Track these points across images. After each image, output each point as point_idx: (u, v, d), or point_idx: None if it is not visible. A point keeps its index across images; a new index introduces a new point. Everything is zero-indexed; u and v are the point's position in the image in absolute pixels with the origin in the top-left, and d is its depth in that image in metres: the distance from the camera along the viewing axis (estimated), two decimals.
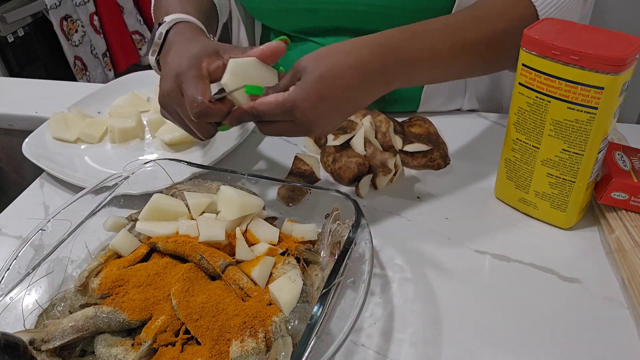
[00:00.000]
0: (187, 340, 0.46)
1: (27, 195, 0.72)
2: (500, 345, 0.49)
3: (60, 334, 0.45)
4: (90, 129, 0.80)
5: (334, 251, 0.52)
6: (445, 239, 0.61)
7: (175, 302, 0.47)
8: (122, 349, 0.45)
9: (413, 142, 0.72)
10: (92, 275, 0.51)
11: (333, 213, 0.55)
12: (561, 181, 0.58)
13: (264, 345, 0.44)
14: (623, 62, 0.49)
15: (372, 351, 0.49)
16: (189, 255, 0.51)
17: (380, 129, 0.73)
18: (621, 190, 0.58)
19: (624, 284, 0.53)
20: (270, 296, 0.47)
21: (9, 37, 1.88)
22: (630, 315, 0.51)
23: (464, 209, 0.65)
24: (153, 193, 0.58)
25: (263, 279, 0.49)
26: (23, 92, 1.00)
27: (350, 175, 0.68)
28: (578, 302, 0.53)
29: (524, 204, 0.63)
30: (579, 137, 0.54)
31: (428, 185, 0.69)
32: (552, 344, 0.49)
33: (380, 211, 0.65)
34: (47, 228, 0.53)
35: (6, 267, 0.49)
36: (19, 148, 0.75)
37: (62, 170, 0.73)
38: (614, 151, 0.62)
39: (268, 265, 0.50)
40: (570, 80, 0.52)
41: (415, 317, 0.52)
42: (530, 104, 0.56)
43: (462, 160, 0.73)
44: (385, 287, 0.55)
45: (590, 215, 0.63)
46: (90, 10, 2.16)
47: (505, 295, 0.54)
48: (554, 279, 0.55)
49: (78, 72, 2.15)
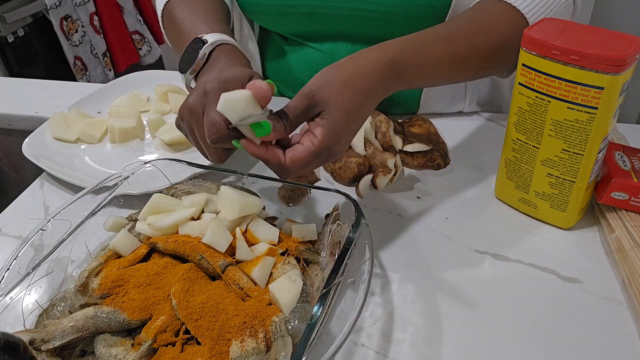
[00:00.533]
0: (187, 340, 0.46)
1: (27, 195, 0.72)
2: (500, 345, 0.49)
3: (60, 334, 0.45)
4: (90, 129, 0.80)
5: (334, 251, 0.52)
6: (445, 239, 0.61)
7: (175, 302, 0.47)
8: (122, 349, 0.45)
9: (413, 142, 0.72)
10: (92, 275, 0.51)
11: (333, 213, 0.55)
12: (561, 181, 0.58)
13: (264, 345, 0.44)
14: (623, 62, 0.49)
15: (372, 351, 0.49)
16: (189, 255, 0.51)
17: (380, 129, 0.73)
18: (621, 190, 0.58)
19: (624, 284, 0.53)
20: (270, 296, 0.47)
21: (9, 37, 1.88)
22: (630, 315, 0.51)
23: (464, 209, 0.65)
24: (153, 193, 0.58)
25: (263, 279, 0.49)
26: (23, 92, 1.00)
27: (350, 175, 0.68)
28: (578, 302, 0.53)
29: (524, 204, 0.63)
30: (579, 137, 0.54)
31: (428, 185, 0.69)
32: (552, 343, 0.49)
33: (380, 211, 0.65)
34: (47, 228, 0.53)
35: (6, 267, 0.49)
36: (19, 148, 0.75)
37: (62, 170, 0.73)
38: (614, 151, 0.62)
39: (268, 265, 0.50)
40: (570, 80, 0.52)
41: (415, 317, 0.52)
42: (530, 104, 0.56)
43: (462, 160, 0.73)
44: (385, 287, 0.55)
45: (590, 215, 0.63)
46: (90, 10, 2.16)
47: (505, 295, 0.54)
48: (554, 279, 0.55)
49: (78, 72, 2.15)
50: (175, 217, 0.54)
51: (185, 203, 0.57)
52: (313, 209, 0.57)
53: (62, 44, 2.05)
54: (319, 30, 0.79)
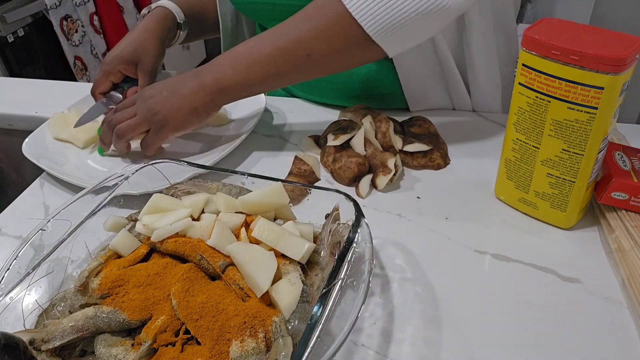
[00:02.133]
0: (187, 340, 0.46)
1: (27, 195, 0.72)
2: (500, 345, 0.49)
3: (60, 334, 0.45)
4: (83, 134, 0.80)
5: (334, 251, 0.52)
6: (445, 239, 0.61)
7: (175, 302, 0.46)
8: (122, 349, 0.45)
9: (413, 142, 0.72)
10: (92, 275, 0.51)
11: (333, 213, 0.55)
12: (561, 181, 0.58)
13: (264, 345, 0.44)
14: (623, 62, 0.49)
15: (372, 351, 0.49)
16: (189, 255, 0.51)
17: (380, 129, 0.73)
18: (621, 190, 0.58)
19: (624, 284, 0.53)
20: (270, 297, 0.47)
21: (9, 37, 1.88)
22: (630, 315, 0.51)
23: (464, 209, 0.65)
24: (153, 193, 0.58)
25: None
26: (23, 92, 1.00)
27: (350, 175, 0.68)
28: (578, 302, 0.53)
29: (524, 204, 0.63)
30: (579, 137, 0.54)
31: (428, 185, 0.69)
32: (552, 343, 0.49)
33: (380, 211, 0.65)
34: (47, 228, 0.53)
35: (6, 267, 0.49)
36: (19, 148, 0.75)
37: (62, 170, 0.73)
38: (614, 151, 0.62)
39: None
40: (570, 80, 0.52)
41: (415, 317, 0.52)
42: (530, 104, 0.56)
43: (462, 160, 0.73)
44: (385, 287, 0.55)
45: (590, 215, 0.63)
46: (90, 10, 2.16)
47: (505, 295, 0.54)
48: (554, 279, 0.55)
49: (78, 72, 2.15)
50: (170, 218, 0.54)
51: (185, 203, 0.56)
52: (313, 209, 0.57)
53: (62, 44, 2.05)
54: None
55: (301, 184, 0.59)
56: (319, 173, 0.71)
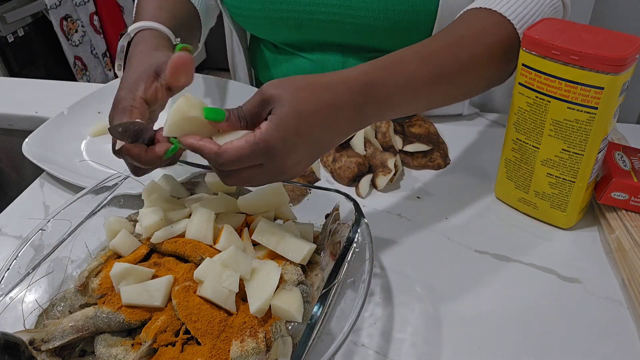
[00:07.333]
0: (187, 340, 0.46)
1: (27, 195, 0.72)
2: (500, 345, 0.49)
3: (60, 334, 0.45)
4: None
5: (334, 251, 0.52)
6: (445, 239, 0.61)
7: (175, 302, 0.46)
8: (122, 349, 0.45)
9: (413, 142, 0.72)
10: (92, 275, 0.51)
11: (333, 213, 0.55)
12: (561, 181, 0.58)
13: (264, 345, 0.44)
14: (623, 62, 0.49)
15: (372, 351, 0.49)
16: (189, 255, 0.51)
17: (380, 129, 0.73)
18: (621, 190, 0.58)
19: (624, 284, 0.53)
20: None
21: (9, 37, 1.88)
22: (630, 315, 0.51)
23: (464, 209, 0.65)
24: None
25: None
26: (23, 92, 1.00)
27: (350, 175, 0.68)
28: (578, 302, 0.53)
29: (524, 204, 0.63)
30: (579, 137, 0.54)
31: (428, 185, 0.69)
32: (552, 343, 0.49)
33: (380, 211, 0.65)
34: (47, 228, 0.53)
35: (6, 267, 0.49)
36: (19, 148, 0.75)
37: (62, 170, 0.72)
38: (614, 151, 0.62)
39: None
40: (570, 80, 0.52)
41: (415, 317, 0.52)
42: (530, 104, 0.56)
43: (462, 160, 0.73)
44: (385, 287, 0.55)
45: (590, 215, 0.63)
46: (90, 10, 2.16)
47: (505, 295, 0.54)
48: (554, 279, 0.55)
49: (78, 72, 2.15)
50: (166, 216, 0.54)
51: (185, 203, 0.56)
52: (313, 209, 0.57)
53: (62, 44, 2.05)
54: (308, 39, 0.79)
55: (301, 184, 0.59)
56: (318, 173, 0.71)
